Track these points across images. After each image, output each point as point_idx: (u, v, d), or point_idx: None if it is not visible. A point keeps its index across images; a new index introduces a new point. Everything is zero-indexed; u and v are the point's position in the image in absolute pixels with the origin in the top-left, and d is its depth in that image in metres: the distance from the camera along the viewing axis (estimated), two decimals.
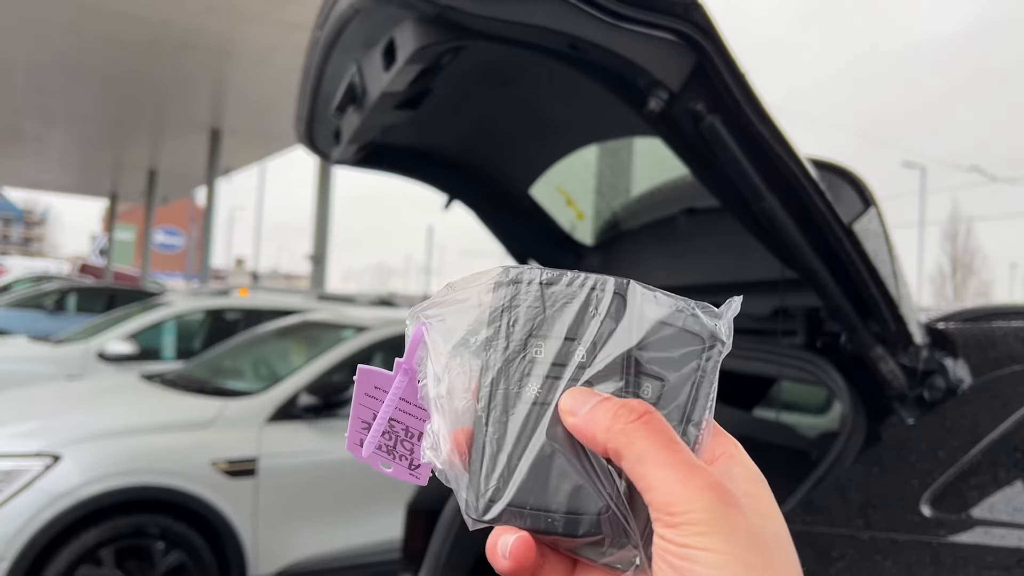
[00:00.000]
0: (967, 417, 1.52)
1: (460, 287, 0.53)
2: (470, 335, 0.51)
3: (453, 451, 0.50)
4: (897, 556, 1.34)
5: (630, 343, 0.49)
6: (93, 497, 3.67)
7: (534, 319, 0.50)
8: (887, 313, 1.55)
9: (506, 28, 1.33)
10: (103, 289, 14.73)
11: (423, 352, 0.54)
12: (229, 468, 4.00)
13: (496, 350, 0.50)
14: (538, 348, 0.49)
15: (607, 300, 0.50)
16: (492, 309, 0.51)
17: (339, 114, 1.80)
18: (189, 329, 8.09)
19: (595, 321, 0.49)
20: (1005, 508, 1.47)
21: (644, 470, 0.44)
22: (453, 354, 0.51)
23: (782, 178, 1.45)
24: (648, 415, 0.46)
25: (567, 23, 1.32)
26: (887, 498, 1.41)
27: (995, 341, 1.66)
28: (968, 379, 1.57)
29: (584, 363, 0.49)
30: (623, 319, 0.49)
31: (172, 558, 3.85)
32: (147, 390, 4.84)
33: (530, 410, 0.49)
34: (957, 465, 1.46)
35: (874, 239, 1.55)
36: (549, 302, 0.50)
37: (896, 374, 1.56)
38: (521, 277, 0.51)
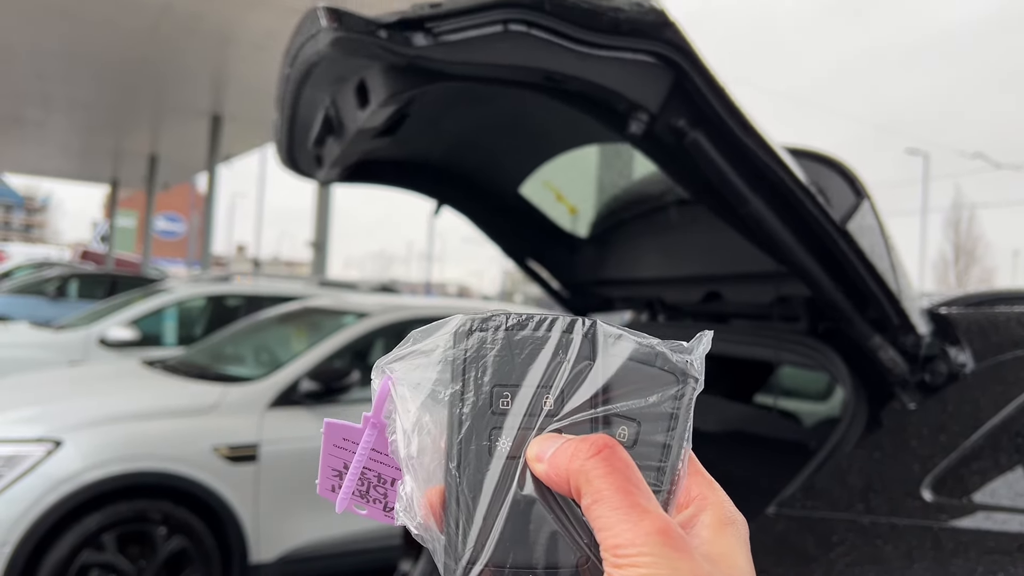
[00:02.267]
0: (969, 402, 1.52)
1: (424, 337, 0.52)
2: (438, 388, 0.50)
3: (428, 514, 0.49)
4: (898, 541, 1.34)
5: (599, 386, 0.48)
6: (95, 482, 3.67)
7: (502, 368, 0.49)
8: (889, 308, 1.54)
9: (478, 69, 1.33)
10: (104, 275, 14.74)
11: (391, 406, 0.53)
12: (230, 454, 4.01)
13: (465, 404, 0.49)
14: (507, 399, 0.48)
15: (576, 344, 0.49)
16: (458, 360, 0.50)
17: (318, 146, 1.80)
18: (190, 315, 8.09)
19: (564, 367, 0.48)
20: (1007, 493, 1.47)
21: (599, 511, 0.44)
22: (422, 410, 0.50)
23: (769, 184, 1.45)
24: (607, 449, 0.45)
25: (539, 59, 1.32)
26: (888, 483, 1.41)
27: (998, 326, 1.65)
28: (970, 364, 1.57)
29: (553, 411, 0.48)
30: (592, 362, 0.48)
31: (174, 543, 3.86)
32: (148, 376, 4.85)
33: (504, 465, 0.48)
34: (959, 450, 1.46)
35: (869, 234, 1.54)
36: (517, 349, 0.49)
37: (896, 361, 1.56)
38: (487, 325, 0.50)
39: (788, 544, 1.32)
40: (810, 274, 1.54)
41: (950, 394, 1.52)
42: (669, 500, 0.47)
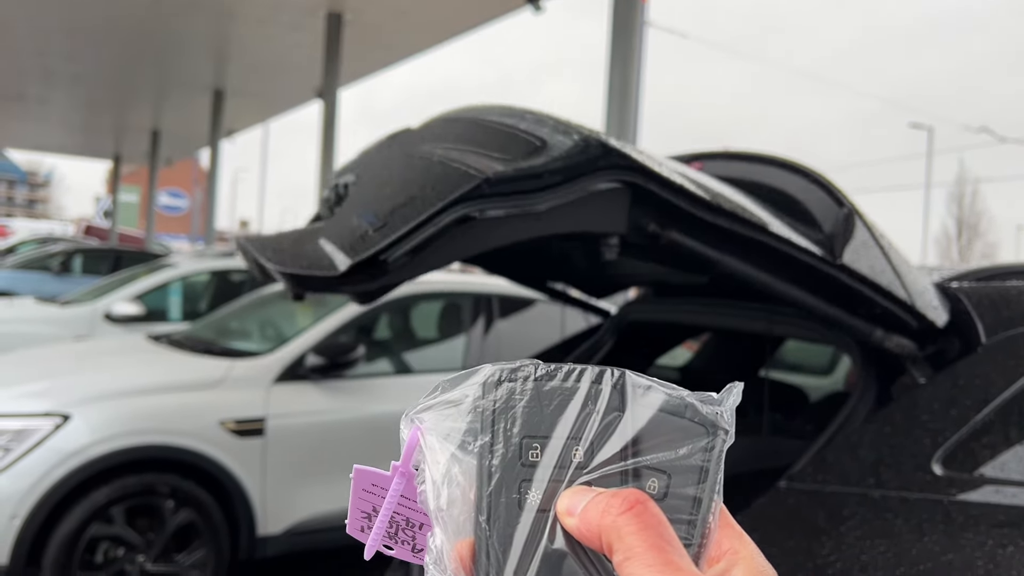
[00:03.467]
0: (980, 376, 1.51)
1: (453, 387, 0.52)
2: (467, 439, 0.50)
3: (458, 567, 0.49)
4: (908, 514, 1.34)
5: (629, 438, 0.47)
6: (103, 456, 3.70)
7: (531, 419, 0.48)
8: (905, 315, 1.54)
9: (440, 265, 1.40)
10: (108, 251, 14.75)
11: (420, 456, 0.52)
12: (237, 428, 4.02)
13: (495, 456, 0.48)
14: (536, 451, 0.48)
15: (605, 395, 0.48)
16: (487, 411, 0.49)
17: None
18: (195, 290, 8.10)
19: (594, 418, 0.48)
20: (1017, 467, 1.47)
21: (631, 568, 0.44)
22: (451, 461, 0.50)
23: (757, 250, 1.46)
24: (640, 505, 0.45)
25: (499, 238, 1.34)
26: (898, 457, 1.41)
27: (1009, 300, 1.64)
28: (982, 338, 1.56)
29: (583, 463, 0.47)
30: (621, 413, 0.48)
31: (182, 516, 3.89)
32: (154, 351, 4.86)
33: (534, 518, 0.47)
34: (969, 424, 1.46)
35: (866, 252, 1.53)
36: (546, 400, 0.49)
37: (903, 344, 1.55)
38: (516, 375, 0.50)
39: (799, 517, 1.32)
40: (825, 314, 1.55)
41: (961, 368, 1.51)
42: (700, 554, 0.47)
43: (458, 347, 5.19)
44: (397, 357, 5.23)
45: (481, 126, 1.58)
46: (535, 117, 1.51)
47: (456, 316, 5.29)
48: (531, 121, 1.49)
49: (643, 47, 6.86)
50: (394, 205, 1.41)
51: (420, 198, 1.35)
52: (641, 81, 6.96)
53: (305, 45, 11.58)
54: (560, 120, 1.46)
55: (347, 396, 4.39)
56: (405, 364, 5.16)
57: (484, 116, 1.62)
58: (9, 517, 3.55)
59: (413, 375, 4.92)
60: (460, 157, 1.42)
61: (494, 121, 1.54)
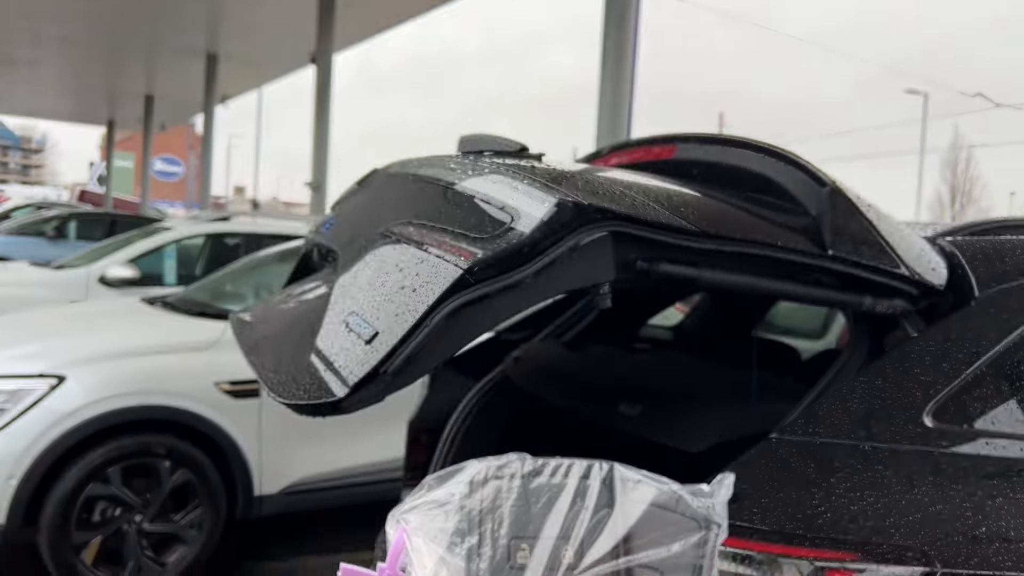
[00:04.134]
0: (973, 330, 1.51)
1: (439, 485, 0.49)
2: (454, 540, 0.47)
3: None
4: (898, 466, 1.35)
5: (620, 536, 0.45)
6: (98, 417, 3.70)
7: (519, 519, 0.46)
8: (900, 284, 1.53)
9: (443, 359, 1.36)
10: (103, 216, 14.68)
11: (406, 558, 0.50)
12: (232, 389, 4.03)
13: (482, 559, 0.46)
14: (524, 552, 0.46)
15: (594, 490, 0.46)
16: (473, 511, 0.47)
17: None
18: (190, 254, 8.08)
19: (583, 515, 0.46)
20: (1007, 420, 1.47)
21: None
22: (439, 564, 0.48)
23: (746, 260, 1.45)
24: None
25: (493, 320, 1.32)
26: (890, 410, 1.41)
27: (1003, 254, 1.64)
28: (975, 292, 1.56)
29: (573, 564, 0.46)
30: (611, 510, 0.46)
31: (178, 476, 3.90)
32: (149, 313, 4.85)
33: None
34: (961, 377, 1.46)
35: (855, 230, 1.52)
36: (533, 498, 0.47)
37: (895, 305, 1.55)
38: (502, 472, 0.48)
39: (790, 469, 1.33)
40: (815, 298, 1.55)
41: (954, 322, 1.51)
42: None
43: None
44: None
45: (443, 193, 1.56)
46: (496, 178, 1.48)
47: None
48: (493, 184, 1.46)
49: (639, 11, 6.76)
50: (379, 307, 1.39)
51: (404, 298, 1.33)
52: (637, 46, 6.86)
53: (299, 8, 11.44)
54: (518, 176, 1.44)
55: None
56: None
57: (441, 178, 1.60)
58: (5, 477, 3.56)
59: None
60: (434, 239, 1.40)
61: (457, 190, 1.52)
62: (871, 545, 1.24)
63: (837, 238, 1.47)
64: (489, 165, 1.55)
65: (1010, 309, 1.55)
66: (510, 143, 1.80)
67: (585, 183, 1.42)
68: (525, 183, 1.39)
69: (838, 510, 1.27)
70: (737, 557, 1.24)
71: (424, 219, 1.50)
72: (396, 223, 1.56)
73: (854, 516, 1.27)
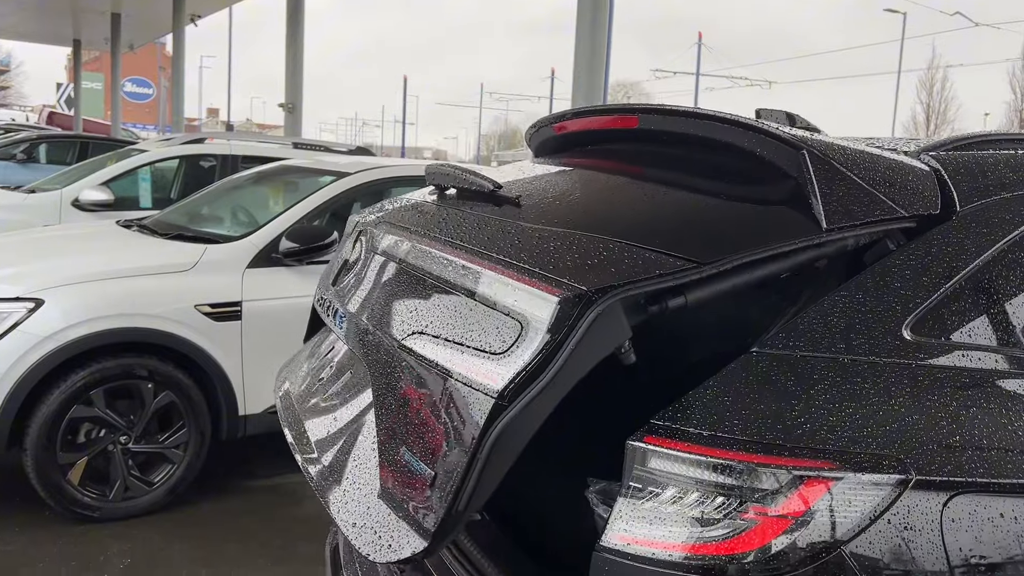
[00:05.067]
0: (953, 244, 1.52)
1: None
2: None
3: None
4: (876, 378, 1.37)
5: None
6: (78, 339, 3.69)
7: None
8: (902, 224, 1.54)
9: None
10: (74, 139, 14.34)
11: None
12: (212, 311, 4.02)
13: None
14: None
15: None
16: None
17: None
18: (165, 177, 7.95)
19: None
20: (984, 333, 1.49)
21: None
22: None
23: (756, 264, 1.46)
24: None
25: (533, 424, 1.34)
26: (869, 323, 1.42)
27: (986, 169, 1.63)
28: (957, 206, 1.56)
29: None
30: None
31: (162, 398, 3.92)
32: (125, 236, 4.80)
33: None
34: (940, 291, 1.47)
35: (841, 187, 1.51)
36: None
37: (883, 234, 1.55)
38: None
39: (770, 382, 1.34)
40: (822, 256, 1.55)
41: (935, 236, 1.52)
42: None
43: None
44: None
45: (446, 294, 1.60)
46: (493, 277, 1.49)
47: None
48: (492, 285, 1.48)
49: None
50: (426, 444, 1.44)
51: (449, 434, 1.39)
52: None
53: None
54: (512, 268, 1.45)
55: None
56: None
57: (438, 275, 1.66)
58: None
59: None
60: (456, 362, 1.45)
61: (460, 293, 1.56)
62: (848, 454, 1.27)
63: (828, 208, 1.47)
64: (482, 255, 1.54)
65: (991, 224, 1.56)
66: (482, 183, 1.81)
67: (579, 254, 1.42)
68: (523, 278, 1.40)
69: (817, 421, 1.30)
70: (717, 467, 1.26)
71: (436, 331, 1.53)
72: (410, 334, 1.60)
73: (832, 427, 1.29)
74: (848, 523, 1.24)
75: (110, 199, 6.97)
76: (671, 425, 1.30)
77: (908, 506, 1.26)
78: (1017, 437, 1.36)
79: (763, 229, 1.50)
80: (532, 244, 1.52)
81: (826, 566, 1.23)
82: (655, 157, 1.96)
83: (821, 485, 1.25)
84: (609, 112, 2.14)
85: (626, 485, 1.32)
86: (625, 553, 1.28)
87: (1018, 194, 1.61)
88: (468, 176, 1.87)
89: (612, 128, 2.11)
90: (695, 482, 1.27)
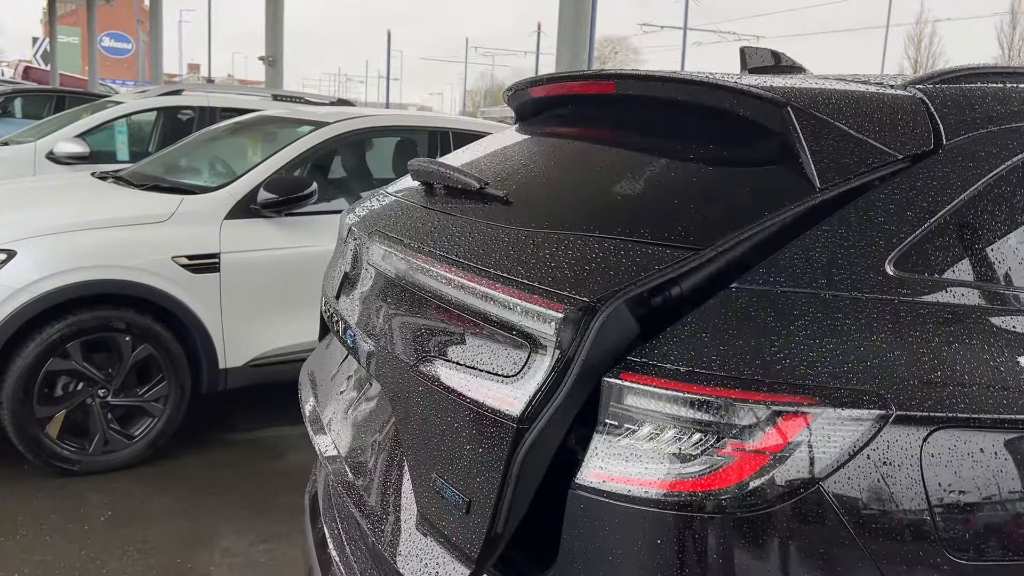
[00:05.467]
0: (938, 179, 1.48)
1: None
2: None
3: None
4: (858, 314, 1.34)
5: None
6: (52, 291, 3.63)
7: None
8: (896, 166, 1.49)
9: None
10: (51, 92, 14.09)
11: None
12: (190, 263, 3.96)
13: None
14: None
15: None
16: None
17: None
18: (142, 129, 7.81)
19: None
20: (967, 268, 1.47)
21: None
22: None
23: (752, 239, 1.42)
24: None
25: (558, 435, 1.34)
26: (852, 258, 1.39)
27: (973, 102, 1.59)
28: (943, 140, 1.52)
29: None
30: None
31: (141, 351, 3.88)
32: (100, 187, 4.71)
33: None
34: (924, 227, 1.44)
35: (829, 139, 1.47)
36: None
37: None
38: None
39: (749, 317, 1.31)
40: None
41: (920, 171, 1.48)
42: None
43: None
44: (352, 194, 5.12)
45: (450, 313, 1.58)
46: (492, 294, 1.46)
47: (411, 152, 5.16)
48: (495, 304, 1.45)
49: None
50: (456, 469, 1.43)
51: (477, 460, 1.39)
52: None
53: None
54: (510, 283, 1.43)
55: (302, 232, 4.32)
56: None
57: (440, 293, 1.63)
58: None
59: None
60: (472, 387, 1.45)
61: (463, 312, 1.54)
62: (828, 390, 1.24)
63: (819, 165, 1.44)
64: (479, 272, 1.50)
65: (977, 158, 1.52)
66: (468, 181, 1.76)
67: (576, 259, 1.39)
68: (524, 295, 1.38)
69: (796, 356, 1.27)
70: (695, 403, 1.24)
71: (446, 355, 1.52)
72: (421, 359, 1.58)
73: (812, 362, 1.27)
74: (827, 459, 1.22)
75: (85, 152, 6.84)
76: (648, 361, 1.27)
77: (888, 441, 1.24)
78: (998, 373, 1.34)
79: (756, 197, 1.46)
80: (528, 253, 1.48)
81: (804, 502, 1.22)
82: (638, 124, 1.91)
83: (800, 420, 1.22)
84: (585, 78, 2.08)
85: (602, 422, 1.29)
86: (600, 491, 1.26)
87: (1005, 127, 1.57)
88: (454, 174, 1.83)
89: (591, 94, 2.06)
90: (672, 419, 1.25)
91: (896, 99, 1.58)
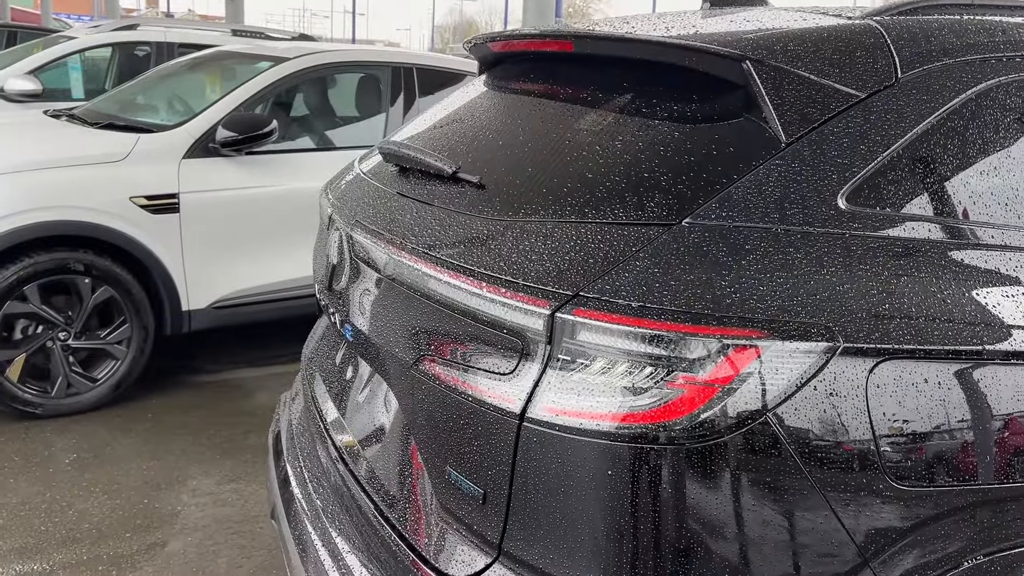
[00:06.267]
0: (893, 111, 1.48)
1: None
2: None
3: None
4: (809, 248, 1.35)
5: None
6: (6, 233, 3.56)
7: None
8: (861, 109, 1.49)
9: None
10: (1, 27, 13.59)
11: None
12: (148, 204, 3.89)
13: None
14: None
15: None
16: None
17: None
18: (97, 66, 7.58)
19: None
20: (918, 202, 1.48)
21: None
22: None
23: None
24: None
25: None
26: (804, 193, 1.39)
27: (929, 34, 1.58)
28: (898, 73, 1.51)
29: None
30: None
31: (101, 293, 3.83)
32: (53, 126, 4.59)
33: None
34: (877, 160, 1.44)
35: (791, 88, 1.47)
36: None
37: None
38: None
39: (701, 252, 1.32)
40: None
41: (873, 103, 1.48)
42: None
43: (377, 123, 5.01)
44: (314, 132, 5.04)
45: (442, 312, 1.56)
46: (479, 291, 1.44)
47: (375, 89, 5.07)
48: (482, 300, 1.44)
49: None
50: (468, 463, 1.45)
51: (487, 456, 1.41)
52: None
53: None
54: (496, 282, 1.42)
55: (263, 171, 4.25)
56: (323, 139, 4.99)
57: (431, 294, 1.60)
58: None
59: (331, 151, 4.76)
60: (470, 386, 1.46)
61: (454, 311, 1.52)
62: (777, 323, 1.26)
63: (783, 119, 1.43)
64: (463, 269, 1.48)
65: (931, 91, 1.52)
66: (440, 167, 1.73)
67: (555, 249, 1.38)
68: (510, 292, 1.37)
69: (747, 291, 1.28)
70: (646, 337, 1.25)
71: (443, 353, 1.52)
72: (420, 358, 1.57)
73: (762, 296, 1.28)
74: (775, 390, 1.24)
75: (38, 89, 6.64)
76: (600, 297, 1.27)
77: (834, 373, 1.26)
78: (945, 305, 1.37)
79: (725, 158, 1.43)
80: (508, 246, 1.45)
81: (752, 432, 1.24)
82: (604, 84, 1.85)
83: (749, 353, 1.24)
84: (543, 36, 2.03)
85: (555, 357, 1.30)
86: (553, 424, 1.28)
87: (960, 60, 1.56)
88: (425, 159, 1.81)
89: (551, 51, 2.01)
90: (624, 353, 1.26)
91: (855, 34, 1.57)
